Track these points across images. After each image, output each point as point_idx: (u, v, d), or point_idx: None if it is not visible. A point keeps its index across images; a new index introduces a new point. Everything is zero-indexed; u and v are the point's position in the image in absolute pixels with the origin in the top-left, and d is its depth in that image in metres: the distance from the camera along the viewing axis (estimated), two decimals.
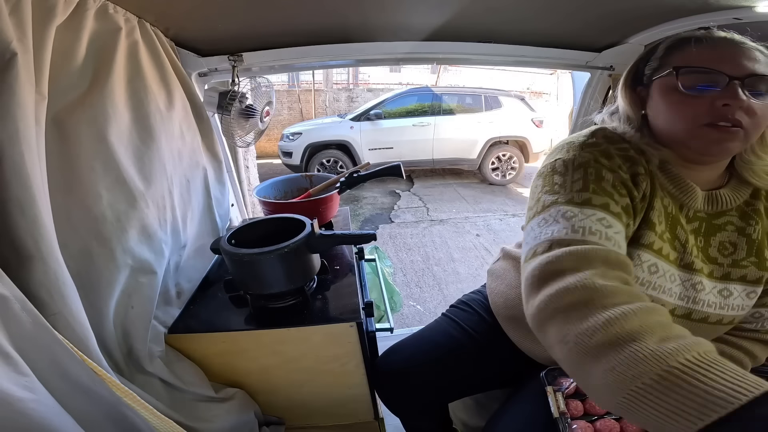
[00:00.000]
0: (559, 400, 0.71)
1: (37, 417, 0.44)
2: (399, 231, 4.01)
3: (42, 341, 0.49)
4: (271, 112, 1.26)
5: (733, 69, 0.55)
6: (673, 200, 0.64)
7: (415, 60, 1.30)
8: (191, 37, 1.07)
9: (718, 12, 0.91)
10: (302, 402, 0.99)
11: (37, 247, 0.53)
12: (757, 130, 0.57)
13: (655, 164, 0.64)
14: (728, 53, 0.56)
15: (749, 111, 0.55)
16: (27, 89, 0.53)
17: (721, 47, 0.57)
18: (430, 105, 5.63)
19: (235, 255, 0.83)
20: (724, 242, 0.64)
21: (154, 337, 0.79)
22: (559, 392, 0.72)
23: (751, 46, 0.57)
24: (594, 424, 0.69)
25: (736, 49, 0.56)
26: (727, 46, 0.57)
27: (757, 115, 0.56)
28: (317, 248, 0.91)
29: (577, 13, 1.00)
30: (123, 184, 0.75)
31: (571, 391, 0.73)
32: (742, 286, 0.63)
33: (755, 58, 0.56)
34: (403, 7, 1.00)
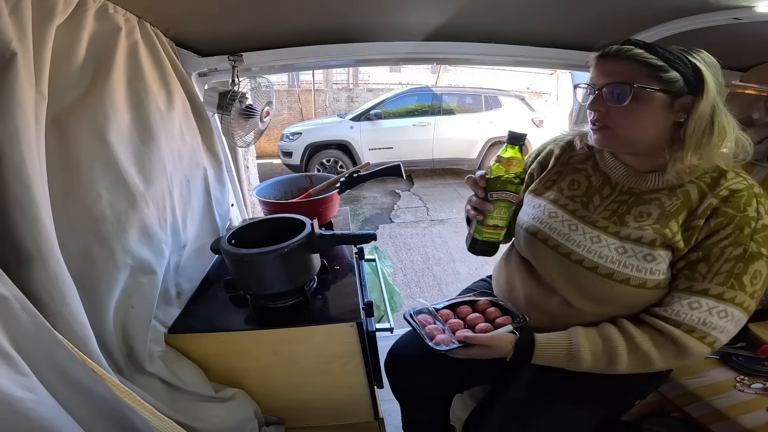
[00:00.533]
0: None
1: (37, 417, 0.44)
2: (399, 231, 4.01)
3: (42, 341, 0.49)
4: (271, 112, 1.26)
5: (597, 80, 0.72)
6: (604, 176, 0.81)
7: (415, 60, 1.30)
8: (191, 37, 1.07)
9: (718, 12, 0.91)
10: (302, 402, 0.99)
11: (37, 247, 0.53)
12: (621, 128, 0.71)
13: (598, 152, 0.84)
14: (600, 69, 0.71)
15: (610, 114, 0.71)
16: (27, 89, 0.53)
17: (599, 64, 0.72)
18: (430, 105, 5.63)
19: (235, 255, 0.83)
20: (643, 212, 0.74)
21: (154, 337, 0.79)
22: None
23: (625, 56, 0.67)
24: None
25: (604, 64, 0.71)
26: (600, 63, 0.71)
27: (613, 116, 0.70)
28: (317, 248, 0.91)
29: (577, 13, 1.00)
30: (123, 184, 0.75)
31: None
32: (638, 247, 0.72)
33: (617, 69, 0.69)
34: (403, 7, 1.00)
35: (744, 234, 0.65)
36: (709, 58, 0.69)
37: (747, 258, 0.65)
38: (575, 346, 0.73)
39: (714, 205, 0.68)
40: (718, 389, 0.98)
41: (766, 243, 0.66)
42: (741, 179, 0.69)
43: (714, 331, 0.67)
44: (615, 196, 0.79)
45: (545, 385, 0.79)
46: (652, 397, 1.04)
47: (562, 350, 0.74)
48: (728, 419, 0.91)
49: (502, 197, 0.75)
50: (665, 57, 0.66)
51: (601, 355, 0.71)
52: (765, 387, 0.97)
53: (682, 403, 1.01)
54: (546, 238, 0.82)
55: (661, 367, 0.70)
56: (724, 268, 0.66)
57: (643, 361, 0.70)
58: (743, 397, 0.95)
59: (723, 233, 0.67)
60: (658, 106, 0.68)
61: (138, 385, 0.72)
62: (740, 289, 0.66)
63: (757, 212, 0.66)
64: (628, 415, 1.00)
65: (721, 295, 0.66)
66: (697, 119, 0.66)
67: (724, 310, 0.66)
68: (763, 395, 0.95)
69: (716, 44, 1.14)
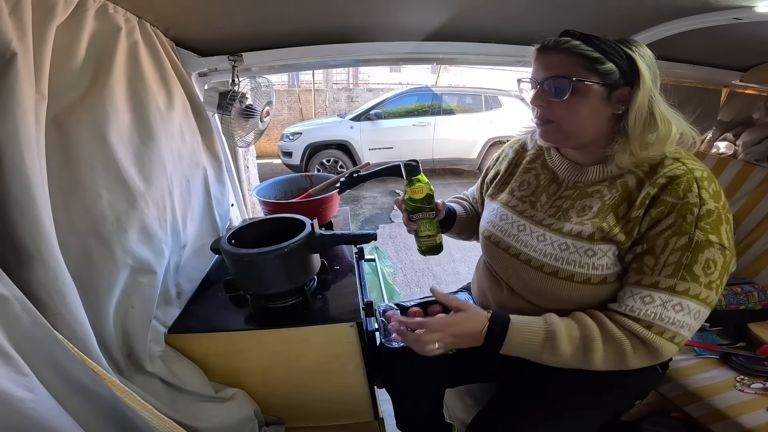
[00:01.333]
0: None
1: (37, 417, 0.44)
2: (399, 231, 4.00)
3: (42, 341, 0.49)
4: (271, 112, 1.26)
5: (538, 75, 0.71)
6: (552, 174, 0.82)
7: (415, 60, 1.30)
8: (191, 37, 1.07)
9: (718, 12, 0.91)
10: (302, 402, 0.99)
11: (37, 247, 0.53)
12: (564, 122, 0.70)
13: (546, 150, 0.84)
14: (540, 62, 0.71)
15: (552, 108, 0.70)
16: (27, 89, 0.53)
17: (539, 58, 0.71)
18: (430, 105, 5.62)
19: (235, 255, 0.83)
20: (585, 206, 0.74)
21: (154, 337, 0.79)
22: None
23: (563, 48, 0.67)
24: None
25: (544, 58, 0.70)
26: (540, 56, 0.71)
27: (556, 110, 0.70)
28: (317, 248, 0.91)
29: (578, 13, 1.00)
30: (123, 184, 0.75)
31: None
32: (579, 242, 0.71)
33: (556, 62, 0.68)
34: (403, 7, 1.00)
35: (687, 222, 0.62)
36: (645, 49, 0.68)
37: (694, 247, 0.62)
38: (552, 326, 0.68)
39: (652, 194, 0.65)
40: (718, 389, 0.98)
41: (715, 230, 0.62)
42: (679, 164, 0.66)
43: (672, 326, 0.63)
44: (561, 191, 0.79)
45: (549, 390, 0.78)
46: (652, 397, 1.04)
47: (539, 332, 0.69)
48: (728, 419, 0.91)
49: (421, 217, 0.87)
50: (601, 48, 0.66)
51: (578, 342, 0.67)
52: (765, 387, 0.97)
53: (682, 403, 1.01)
54: (498, 240, 0.83)
55: (634, 361, 0.66)
56: (671, 260, 0.63)
57: (618, 352, 0.66)
58: (743, 397, 0.95)
59: (665, 223, 0.64)
60: (597, 99, 0.67)
61: (138, 385, 0.72)
62: (693, 281, 0.62)
63: (699, 198, 0.62)
64: (628, 415, 1.00)
65: (673, 288, 0.63)
66: (636, 111, 0.66)
67: (679, 304, 0.63)
68: (763, 395, 0.95)
69: (716, 44, 1.14)
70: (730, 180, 1.41)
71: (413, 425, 1.05)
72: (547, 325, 0.69)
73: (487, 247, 0.87)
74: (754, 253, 1.29)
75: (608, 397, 0.78)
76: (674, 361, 1.04)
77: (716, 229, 0.62)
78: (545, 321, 0.70)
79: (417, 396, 0.99)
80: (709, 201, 0.63)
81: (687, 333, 0.64)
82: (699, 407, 0.98)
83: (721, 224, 0.63)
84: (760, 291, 1.18)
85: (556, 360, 0.68)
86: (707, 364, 1.07)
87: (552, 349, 0.67)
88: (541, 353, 0.69)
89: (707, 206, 0.62)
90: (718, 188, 0.65)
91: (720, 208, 0.63)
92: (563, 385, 0.77)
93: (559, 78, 0.67)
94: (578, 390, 0.76)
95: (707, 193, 0.63)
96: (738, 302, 1.16)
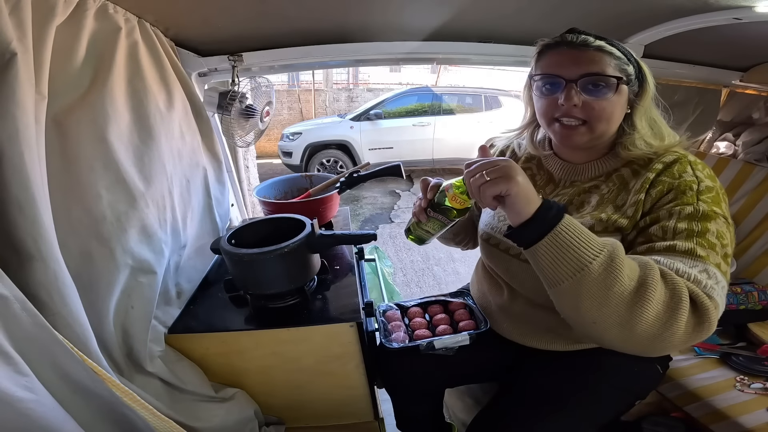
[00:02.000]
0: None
1: (37, 417, 0.44)
2: (399, 231, 4.00)
3: (42, 341, 0.49)
4: (271, 112, 1.26)
5: (569, 72, 0.66)
6: (548, 175, 0.81)
7: (415, 60, 1.30)
8: (191, 37, 1.07)
9: (718, 12, 0.91)
10: (302, 402, 0.99)
11: (37, 247, 0.53)
12: (600, 122, 0.67)
13: (541, 151, 0.82)
14: (567, 58, 0.66)
15: (586, 107, 0.66)
16: (27, 89, 0.53)
17: (563, 53, 0.67)
18: (430, 105, 5.62)
19: (235, 255, 0.83)
20: (584, 201, 0.73)
21: (154, 337, 0.79)
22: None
23: (594, 46, 0.65)
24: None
25: (573, 53, 0.66)
26: (566, 52, 0.67)
27: (595, 110, 0.66)
28: (317, 248, 0.91)
29: (578, 13, 1.00)
30: (123, 184, 0.75)
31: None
32: None
33: (591, 59, 0.65)
34: (403, 7, 1.00)
35: (687, 196, 0.61)
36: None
37: (701, 216, 0.59)
38: (614, 244, 0.54)
39: (651, 178, 0.65)
40: (718, 389, 0.98)
41: (716, 203, 0.61)
42: (672, 152, 0.67)
43: (713, 289, 0.53)
44: (558, 190, 0.79)
45: (549, 390, 0.77)
46: (652, 397, 1.04)
47: (597, 242, 0.53)
48: (728, 419, 0.91)
49: (438, 218, 0.76)
50: (621, 49, 0.66)
51: (637, 276, 0.52)
52: (765, 387, 0.97)
53: (682, 403, 1.01)
54: (498, 242, 0.82)
55: (684, 326, 0.52)
56: (681, 227, 0.58)
57: (677, 303, 0.51)
58: (743, 397, 0.95)
59: (667, 198, 0.63)
60: (625, 98, 0.68)
61: (138, 385, 0.72)
62: (711, 248, 0.56)
63: (695, 176, 0.63)
64: (628, 415, 1.00)
65: (693, 252, 0.55)
66: (645, 112, 0.68)
67: (705, 270, 0.54)
68: (763, 395, 0.95)
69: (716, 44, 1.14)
70: (730, 180, 1.41)
71: (413, 425, 1.06)
72: (607, 242, 0.54)
73: (486, 250, 0.86)
74: (754, 253, 1.29)
75: (608, 397, 0.78)
76: (674, 361, 1.04)
77: (717, 203, 0.61)
78: (606, 240, 0.55)
79: (417, 396, 0.99)
80: (706, 179, 0.63)
81: (721, 306, 0.54)
82: (699, 407, 0.98)
83: (721, 201, 0.62)
84: (760, 291, 1.18)
85: (602, 286, 0.51)
86: (707, 364, 1.07)
87: (608, 272, 0.51)
88: (589, 261, 0.51)
89: (705, 183, 0.62)
90: (712, 173, 0.66)
91: (717, 188, 0.63)
92: (563, 385, 0.77)
93: (603, 76, 0.64)
94: (578, 390, 0.76)
95: (702, 173, 0.64)
96: (738, 302, 1.16)
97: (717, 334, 1.17)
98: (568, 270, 0.52)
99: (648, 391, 0.85)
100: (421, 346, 0.85)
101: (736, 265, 1.29)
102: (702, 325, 0.52)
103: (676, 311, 0.51)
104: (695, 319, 0.53)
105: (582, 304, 0.53)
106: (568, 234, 0.53)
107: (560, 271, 0.53)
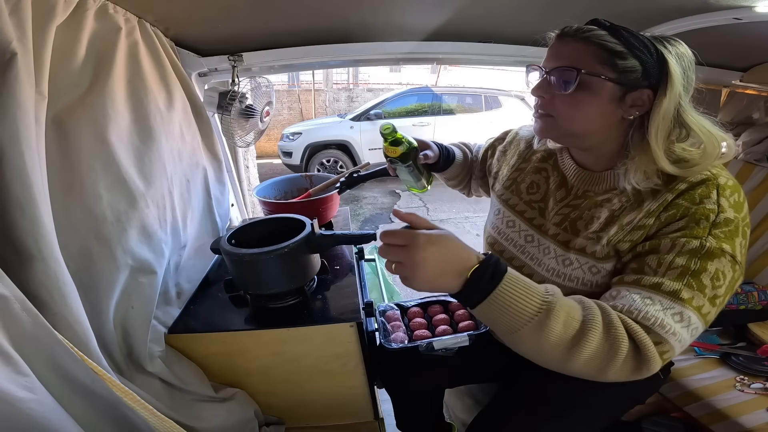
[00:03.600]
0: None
1: (37, 417, 0.44)
2: None
3: (42, 341, 0.49)
4: (271, 112, 1.26)
5: (546, 64, 0.64)
6: (561, 177, 0.75)
7: (415, 60, 1.30)
8: (191, 37, 1.07)
9: (718, 12, 0.91)
10: (302, 402, 0.99)
11: (37, 247, 0.53)
12: (569, 120, 0.63)
13: (558, 150, 0.77)
14: (552, 49, 0.64)
15: (552, 101, 0.63)
16: (27, 89, 0.53)
17: (553, 45, 0.64)
18: (430, 105, 5.63)
19: (235, 255, 0.83)
20: (594, 216, 0.67)
21: (154, 337, 0.79)
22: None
23: (580, 37, 0.60)
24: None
25: (558, 45, 0.63)
26: (554, 44, 0.64)
27: (557, 105, 0.63)
28: (317, 248, 0.91)
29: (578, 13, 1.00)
30: (123, 184, 0.75)
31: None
32: (584, 258, 0.66)
33: (568, 52, 0.61)
34: (403, 7, 0.99)
35: (700, 227, 0.55)
36: (684, 49, 0.59)
37: (705, 253, 0.54)
38: (552, 297, 0.53)
39: (669, 200, 0.58)
40: (718, 389, 0.98)
41: (729, 240, 0.55)
42: (702, 170, 0.59)
43: (672, 337, 0.53)
44: (569, 200, 0.72)
45: (548, 390, 0.77)
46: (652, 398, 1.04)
47: (536, 297, 0.52)
48: (728, 419, 0.91)
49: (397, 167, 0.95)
50: (629, 42, 0.58)
51: (576, 325, 0.52)
52: (765, 387, 0.97)
53: (682, 403, 1.01)
54: (502, 250, 0.80)
55: (616, 372, 0.54)
56: (678, 262, 0.55)
57: (611, 351, 0.53)
58: (743, 397, 0.95)
59: (675, 225, 0.57)
60: (607, 98, 0.60)
61: (138, 385, 0.72)
62: (699, 290, 0.54)
63: (717, 204, 0.56)
64: (628, 415, 1.00)
65: (677, 294, 0.54)
66: (660, 119, 0.57)
67: (680, 313, 0.54)
68: (763, 395, 0.95)
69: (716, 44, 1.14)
70: None
71: (413, 425, 1.06)
72: (547, 294, 0.53)
73: None
74: (754, 253, 1.29)
75: (607, 401, 0.78)
76: (674, 361, 1.04)
77: (731, 240, 0.55)
78: (545, 289, 0.54)
79: (416, 396, 0.99)
80: (729, 210, 0.56)
81: (678, 349, 0.55)
82: (699, 407, 0.98)
83: (737, 236, 0.56)
84: (760, 291, 1.18)
85: (535, 341, 0.52)
86: (707, 364, 1.07)
87: (540, 324, 0.51)
88: (522, 325, 0.51)
89: (725, 214, 0.56)
90: (742, 200, 0.58)
91: (739, 220, 0.56)
92: (562, 387, 0.76)
93: (566, 69, 0.60)
94: (577, 393, 0.76)
95: (727, 202, 0.56)
96: (738, 302, 1.16)
97: (717, 334, 1.17)
98: (503, 330, 0.54)
99: (647, 396, 0.84)
100: (420, 346, 0.84)
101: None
102: (640, 367, 0.54)
103: (610, 355, 0.53)
104: (634, 363, 0.54)
105: (521, 351, 0.56)
106: (500, 303, 0.52)
107: (497, 329, 0.55)
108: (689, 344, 0.56)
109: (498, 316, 0.52)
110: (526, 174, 0.82)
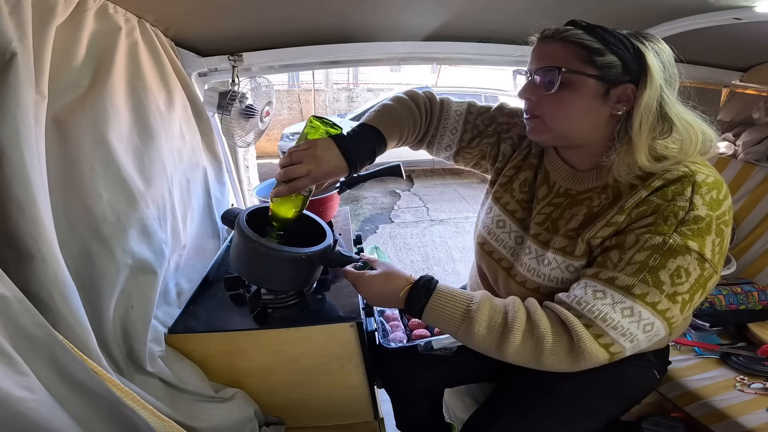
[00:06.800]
0: None
1: (37, 417, 0.44)
2: (399, 231, 4.01)
3: (42, 341, 0.49)
4: (271, 112, 1.26)
5: (530, 65, 0.65)
6: (545, 173, 0.75)
7: (415, 60, 1.30)
8: (191, 37, 1.07)
9: (718, 12, 0.91)
10: (302, 402, 0.99)
11: (37, 247, 0.53)
12: (555, 120, 0.64)
13: (547, 147, 0.77)
14: (534, 52, 0.65)
15: (541, 101, 0.64)
16: (27, 89, 0.53)
17: (535, 47, 0.66)
18: None
19: (250, 240, 0.76)
20: (574, 215, 0.68)
21: (154, 337, 0.79)
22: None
23: (559, 38, 0.62)
24: None
25: (539, 47, 0.65)
26: (537, 45, 0.65)
27: (550, 105, 0.63)
28: (329, 263, 0.84)
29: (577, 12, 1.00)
30: (123, 184, 0.75)
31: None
32: (561, 257, 0.67)
33: (549, 52, 0.62)
34: (403, 7, 1.00)
35: (666, 224, 0.55)
36: (662, 44, 0.60)
37: (666, 250, 0.54)
38: (475, 305, 0.62)
39: (643, 197, 0.59)
40: (718, 389, 0.98)
41: (697, 237, 0.54)
42: (682, 166, 0.58)
43: (613, 331, 0.55)
44: (551, 197, 0.72)
45: (547, 390, 0.77)
46: (652, 398, 1.04)
47: (460, 307, 0.63)
48: (728, 419, 0.91)
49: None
50: (605, 39, 0.59)
51: (497, 327, 0.61)
52: (765, 387, 0.97)
53: (682, 403, 1.01)
54: (492, 250, 0.80)
55: (550, 361, 0.59)
56: (637, 258, 0.56)
57: (536, 347, 0.59)
58: (743, 397, 0.95)
59: (643, 222, 0.58)
60: (591, 95, 0.60)
61: (138, 385, 0.72)
62: (654, 286, 0.54)
63: (690, 201, 0.55)
64: (628, 415, 1.00)
65: (629, 289, 0.55)
66: (642, 112, 0.57)
67: (630, 308, 0.55)
68: (763, 395, 0.95)
69: (716, 44, 1.14)
70: (730, 180, 1.41)
71: (413, 425, 1.06)
72: (471, 302, 0.63)
73: (480, 255, 0.84)
74: (754, 253, 1.29)
75: (603, 400, 0.78)
76: (674, 362, 1.04)
77: (699, 237, 0.54)
78: (471, 299, 0.64)
79: (416, 396, 0.99)
80: (701, 207, 0.55)
81: (628, 345, 0.56)
82: (699, 407, 0.98)
83: (709, 234, 0.55)
84: (760, 291, 1.18)
85: (470, 342, 0.63)
86: (707, 364, 1.07)
87: (467, 329, 0.62)
88: (456, 330, 0.64)
89: (696, 212, 0.55)
90: (722, 197, 0.57)
91: (713, 218, 0.55)
92: (562, 385, 0.76)
93: (548, 69, 0.61)
94: (577, 391, 0.76)
95: (702, 199, 0.55)
96: (738, 302, 1.16)
97: (717, 334, 1.17)
98: (447, 333, 0.67)
99: (644, 395, 0.84)
100: (419, 346, 0.84)
101: (736, 265, 1.29)
102: (576, 357, 0.58)
103: (537, 350, 0.59)
104: (568, 353, 0.58)
105: (471, 345, 0.65)
106: (434, 313, 0.65)
107: (445, 329, 0.66)
108: (646, 342, 0.58)
109: (436, 323, 0.66)
110: (521, 170, 0.80)
